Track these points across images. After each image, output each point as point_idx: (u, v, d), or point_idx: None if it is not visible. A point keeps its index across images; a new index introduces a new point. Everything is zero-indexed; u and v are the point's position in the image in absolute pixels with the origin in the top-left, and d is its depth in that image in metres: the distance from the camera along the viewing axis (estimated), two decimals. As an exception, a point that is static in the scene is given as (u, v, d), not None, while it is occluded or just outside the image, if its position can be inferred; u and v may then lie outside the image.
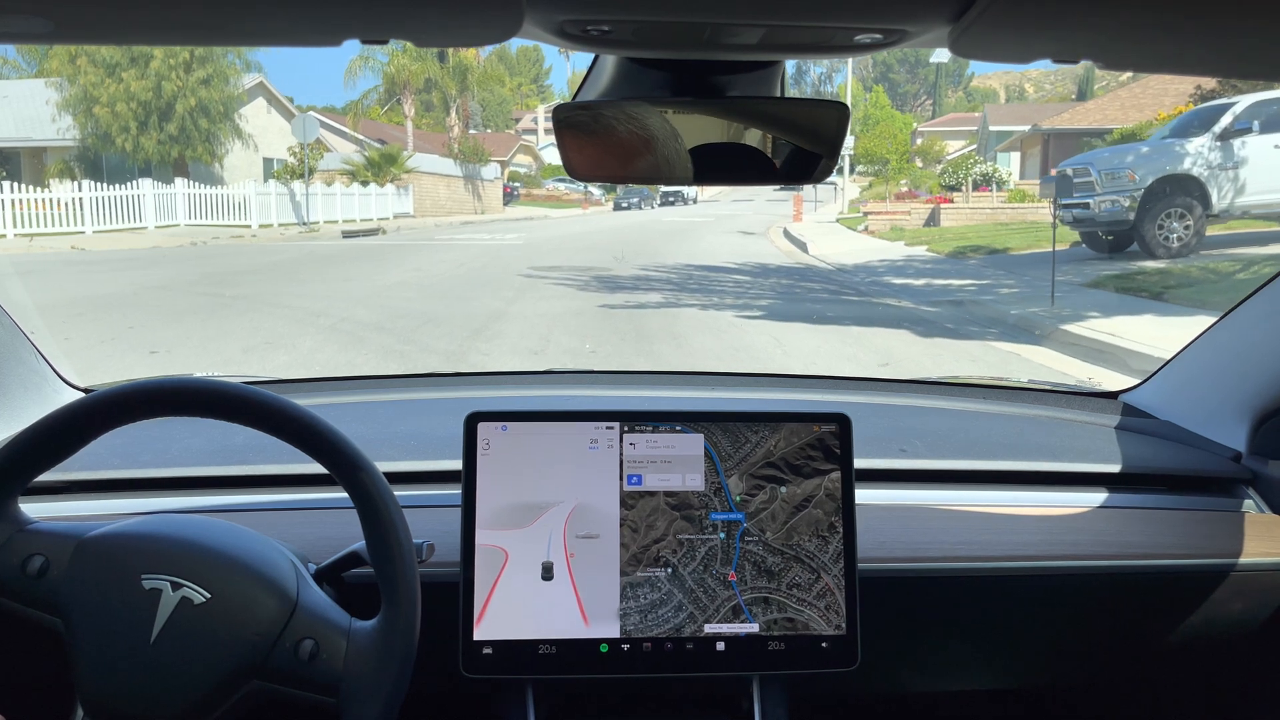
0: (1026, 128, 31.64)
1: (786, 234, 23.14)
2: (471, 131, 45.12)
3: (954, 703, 1.70)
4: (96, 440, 1.04)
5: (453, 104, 36.92)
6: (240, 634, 0.99)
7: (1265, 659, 1.48)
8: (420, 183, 32.26)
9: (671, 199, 43.85)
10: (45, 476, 1.07)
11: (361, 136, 35.48)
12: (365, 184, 29.06)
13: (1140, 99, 27.04)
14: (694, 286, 12.38)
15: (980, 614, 1.41)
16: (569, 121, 1.01)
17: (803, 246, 19.12)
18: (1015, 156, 35.11)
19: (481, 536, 1.21)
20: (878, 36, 0.75)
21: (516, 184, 45.28)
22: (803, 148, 1.04)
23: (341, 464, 1.01)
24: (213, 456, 1.43)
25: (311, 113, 27.08)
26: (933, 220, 21.65)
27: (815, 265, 15.95)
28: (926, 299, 11.08)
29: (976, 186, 32.89)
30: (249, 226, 23.32)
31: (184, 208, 22.89)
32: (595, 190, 47.34)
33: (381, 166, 30.03)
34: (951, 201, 22.01)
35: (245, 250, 18.19)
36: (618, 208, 40.76)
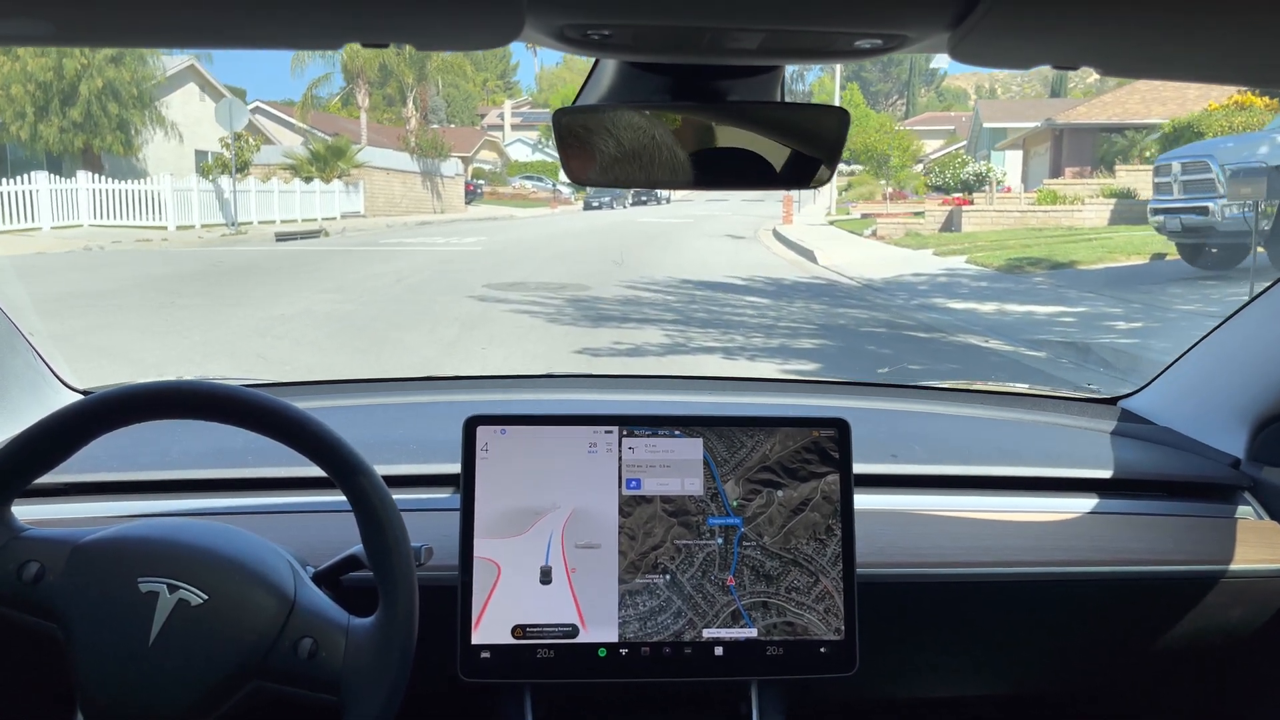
0: (1033, 124, 28.70)
1: (781, 238, 20.09)
2: (434, 127, 41.61)
3: (952, 708, 1.62)
4: (96, 442, 1.01)
5: (410, 94, 33.28)
6: (239, 634, 0.97)
7: (1263, 665, 1.45)
8: (372, 179, 28.71)
9: (644, 199, 40.98)
10: (43, 479, 1.03)
11: (311, 128, 31.82)
12: (308, 180, 25.48)
13: (1162, 92, 24.23)
14: (702, 315, 9.17)
15: (979, 620, 1.37)
16: (570, 125, 0.98)
17: (809, 255, 15.99)
18: (1011, 155, 32.27)
19: (480, 545, 1.18)
20: (877, 42, 0.74)
21: (481, 181, 41.78)
22: (803, 153, 1.01)
23: (340, 468, 0.99)
24: (212, 459, 1.39)
25: (236, 98, 23.44)
26: (952, 224, 18.58)
27: (838, 280, 12.79)
28: (1017, 336, 7.97)
29: (977, 186, 30.05)
30: (164, 228, 19.74)
31: (88, 205, 19.25)
32: (564, 189, 44.30)
33: (328, 161, 26.45)
34: (971, 203, 18.93)
35: (140, 258, 14.69)
36: (588, 207, 37.59)
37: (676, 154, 0.98)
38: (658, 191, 41.55)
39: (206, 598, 0.97)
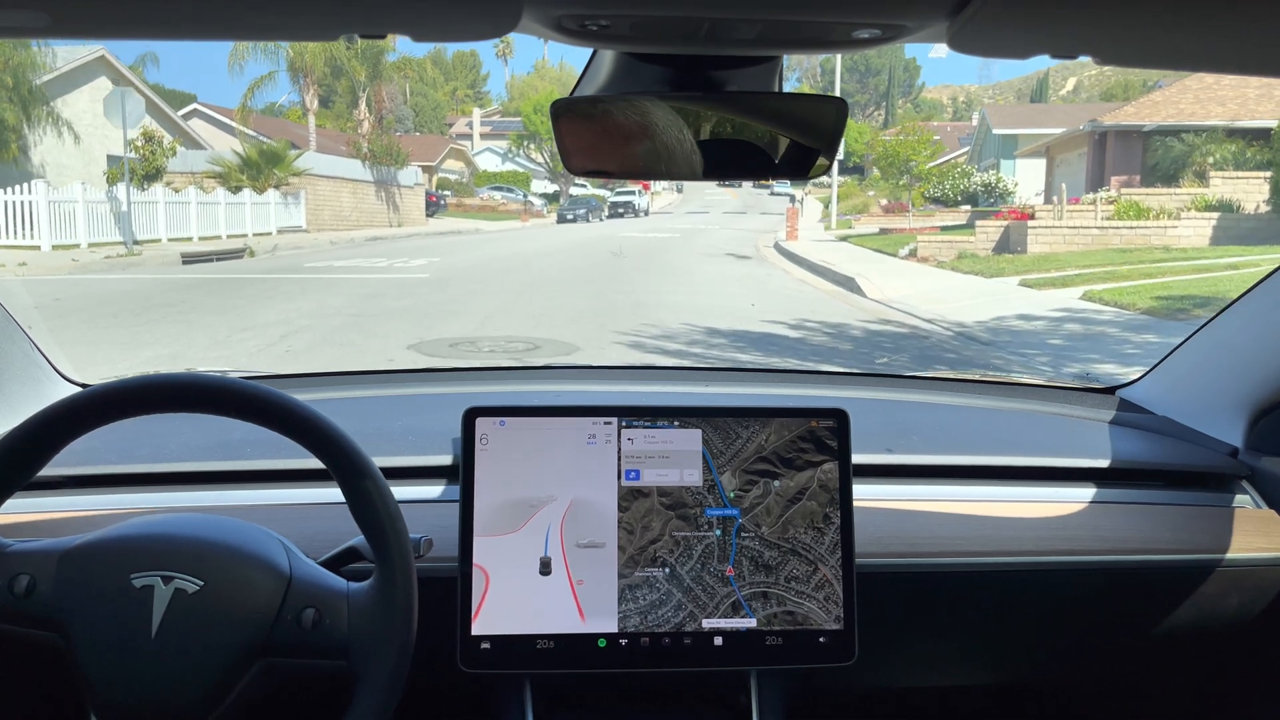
0: (1055, 130, 25.07)
1: (795, 258, 16.31)
2: (399, 135, 37.39)
3: (950, 697, 1.59)
4: (96, 435, 0.98)
5: (362, 93, 28.97)
6: (240, 614, 0.94)
7: (1260, 654, 1.42)
8: (316, 188, 24.47)
9: (621, 210, 37.29)
10: (43, 471, 0.99)
11: (258, 134, 27.47)
12: (236, 190, 21.21)
13: (1218, 91, 20.69)
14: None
15: (977, 609, 1.34)
16: (567, 115, 0.95)
17: (850, 284, 12.12)
18: (1025, 164, 28.69)
19: (478, 539, 1.14)
20: (876, 32, 0.72)
21: (446, 192, 37.61)
22: (801, 143, 0.98)
23: (343, 466, 0.96)
24: (211, 451, 1.33)
25: (132, 89, 19.09)
26: (1010, 243, 14.78)
27: (917, 325, 8.88)
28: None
29: (986, 198, 26.40)
30: (37, 247, 15.44)
31: (-61, 220, 14.96)
32: (535, 200, 40.43)
33: (261, 167, 22.21)
34: (1032, 218, 15.10)
35: (-46, 294, 10.49)
36: (562, 219, 33.75)
37: (675, 145, 0.95)
38: (634, 203, 38.14)
39: (202, 584, 0.94)
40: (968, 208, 29.64)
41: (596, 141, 0.95)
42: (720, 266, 15.44)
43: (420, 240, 22.24)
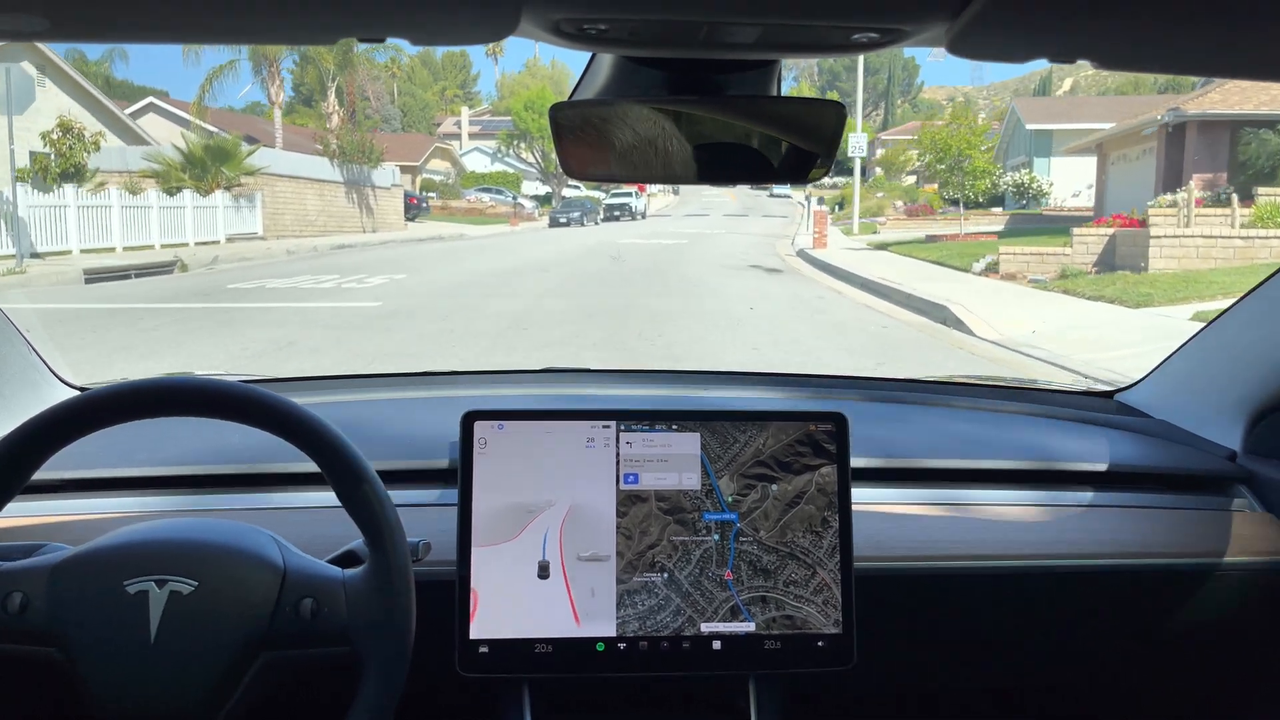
0: (1103, 125, 21.85)
1: (838, 273, 13.13)
2: (380, 133, 34.04)
3: (949, 700, 1.55)
4: (93, 438, 0.96)
5: (330, 84, 25.52)
6: (238, 611, 0.93)
7: (1259, 657, 1.40)
8: (276, 190, 21.09)
9: (617, 213, 34.19)
10: (41, 475, 0.98)
11: (221, 131, 24.06)
12: (172, 192, 17.82)
13: (1314, 74, 17.47)
14: None
15: (976, 612, 1.32)
16: (566, 121, 0.94)
17: (938, 314, 8.90)
18: (1062, 162, 25.56)
19: (477, 544, 1.13)
20: (874, 35, 0.71)
21: (430, 194, 34.25)
22: (800, 147, 0.97)
23: (340, 469, 0.95)
24: (208, 455, 1.31)
25: (25, 64, 15.68)
26: (1119, 257, 11.55)
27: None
28: None
29: (1017, 200, 23.26)
30: (-106, 264, 12.11)
31: None
32: (526, 203, 37.16)
33: (206, 165, 18.82)
34: (1143, 225, 11.85)
35: None
36: (554, 223, 30.59)
37: (674, 148, 0.95)
38: (630, 205, 35.04)
39: (197, 584, 0.93)
40: (999, 210, 26.60)
41: (596, 146, 0.93)
42: (751, 283, 12.22)
43: (393, 249, 18.91)
